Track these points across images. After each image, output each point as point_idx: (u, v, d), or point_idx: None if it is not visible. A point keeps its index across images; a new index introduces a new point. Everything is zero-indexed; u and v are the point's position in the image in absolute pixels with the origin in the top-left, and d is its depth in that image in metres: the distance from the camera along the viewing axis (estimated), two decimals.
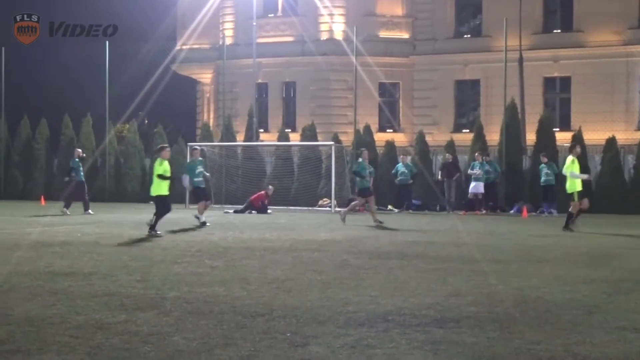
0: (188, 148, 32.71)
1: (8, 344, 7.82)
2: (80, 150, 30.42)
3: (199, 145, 34.41)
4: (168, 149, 21.68)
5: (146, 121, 60.37)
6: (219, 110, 46.49)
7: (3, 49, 39.81)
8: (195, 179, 24.37)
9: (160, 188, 20.52)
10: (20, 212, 28.96)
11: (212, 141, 38.37)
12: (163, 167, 20.48)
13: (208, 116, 50.36)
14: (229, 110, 43.56)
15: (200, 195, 24.53)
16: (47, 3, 30.21)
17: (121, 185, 38.95)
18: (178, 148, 36.75)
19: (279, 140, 38.15)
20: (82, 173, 28.87)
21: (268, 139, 42.79)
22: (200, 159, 25.17)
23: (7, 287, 11.24)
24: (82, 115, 39.99)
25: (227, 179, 36.54)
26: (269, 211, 30.21)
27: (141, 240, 18.59)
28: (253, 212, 29.93)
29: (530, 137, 34.95)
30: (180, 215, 25.72)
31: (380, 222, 23.54)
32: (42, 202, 34.36)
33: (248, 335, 8.23)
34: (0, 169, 40.53)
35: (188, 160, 25.96)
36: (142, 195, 34.96)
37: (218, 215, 28.11)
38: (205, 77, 50.92)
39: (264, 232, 20.86)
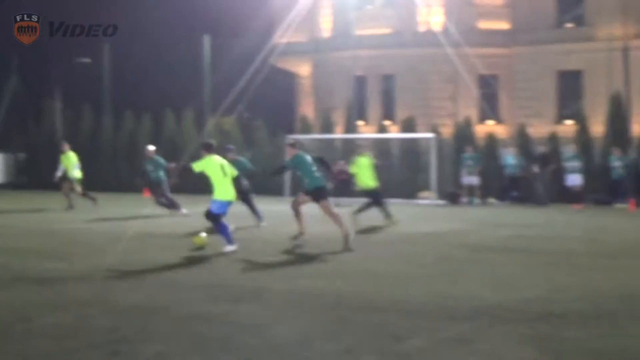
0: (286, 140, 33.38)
1: (115, 332, 7.96)
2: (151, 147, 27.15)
3: (298, 138, 35.22)
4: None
5: (246, 115, 58.44)
6: (317, 103, 46.20)
7: (107, 45, 40.78)
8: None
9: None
10: (125, 203, 29.44)
11: (311, 133, 37.72)
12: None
13: (307, 109, 49.65)
14: (328, 102, 43.06)
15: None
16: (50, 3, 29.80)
17: None
18: (277, 141, 36.46)
19: (378, 132, 37.30)
20: (158, 172, 25.31)
21: (367, 131, 41.53)
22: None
23: (114, 277, 11.44)
24: (183, 110, 40.32)
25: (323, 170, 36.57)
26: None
27: (244, 232, 18.44)
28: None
29: (636, 128, 34.10)
30: (280, 207, 25.94)
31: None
32: (146, 194, 34.58)
33: (348, 328, 8.22)
34: (105, 161, 41.16)
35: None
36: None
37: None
38: (303, 70, 50.38)
39: (365, 225, 20.39)
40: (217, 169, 14.94)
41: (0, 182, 41.83)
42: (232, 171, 15.42)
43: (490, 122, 42.55)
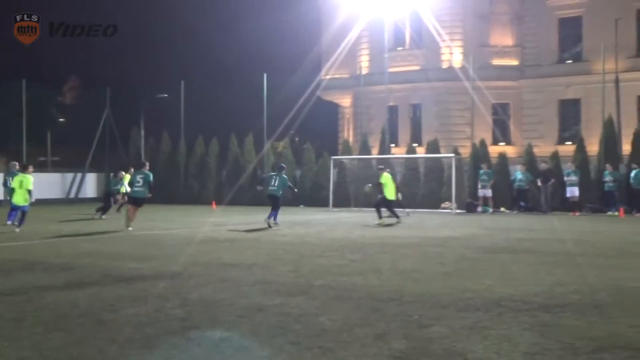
0: (331, 161, 35.42)
1: (187, 321, 7.99)
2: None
3: (340, 158, 37.22)
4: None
5: (297, 139, 60.78)
6: (357, 129, 46.50)
7: (182, 82, 41.15)
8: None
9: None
10: (195, 213, 29.54)
11: (351, 155, 38.58)
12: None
13: (348, 134, 50.21)
14: (365, 128, 43.49)
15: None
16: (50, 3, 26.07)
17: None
18: (323, 161, 37.71)
19: (407, 153, 37.40)
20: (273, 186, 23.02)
21: (398, 152, 41.72)
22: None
23: (186, 275, 11.45)
24: (245, 134, 40.37)
25: (364, 186, 36.13)
26: (407, 211, 28.43)
27: (294, 236, 18.54)
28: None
29: (626, 148, 33.71)
30: (326, 215, 25.73)
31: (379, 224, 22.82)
32: (214, 206, 34.95)
33: (382, 317, 8.18)
34: (180, 179, 41.58)
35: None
36: (291, 200, 33.79)
37: (356, 217, 27.73)
38: (345, 101, 50.68)
39: (396, 230, 20.66)
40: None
41: (93, 196, 42.33)
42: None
43: (501, 144, 42.28)
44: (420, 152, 38.78)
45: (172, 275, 11.49)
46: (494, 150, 37.12)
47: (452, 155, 33.08)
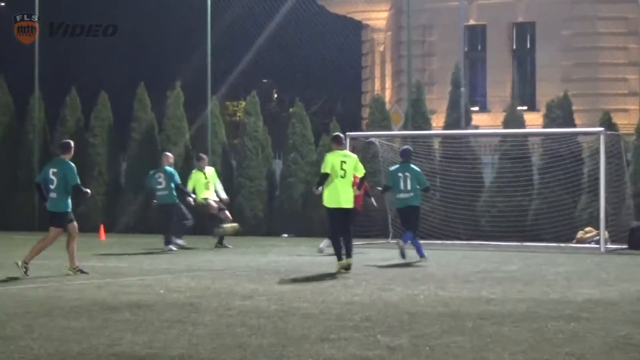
0: (347, 140, 17.66)
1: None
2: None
3: (366, 136, 21.01)
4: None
5: (276, 95, 36.72)
6: (399, 75, 27.78)
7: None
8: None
9: None
10: (61, 248, 19.55)
11: (389, 128, 22.07)
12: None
13: (380, 85, 30.04)
14: (419, 74, 25.33)
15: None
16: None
17: None
18: (330, 141, 21.78)
19: (505, 125, 21.06)
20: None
21: (486, 124, 25.03)
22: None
23: None
24: (168, 88, 24.48)
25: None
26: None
27: (272, 295, 10.11)
28: None
29: None
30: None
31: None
32: (102, 234, 20.56)
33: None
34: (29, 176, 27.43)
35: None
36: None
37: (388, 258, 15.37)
38: (376, 18, 29.88)
39: (479, 287, 10.96)
40: None
41: None
42: None
43: None
44: (534, 124, 22.82)
45: None
46: None
47: (601, 129, 18.26)
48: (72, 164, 12.67)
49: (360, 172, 13.22)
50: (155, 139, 23.58)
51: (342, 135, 13.71)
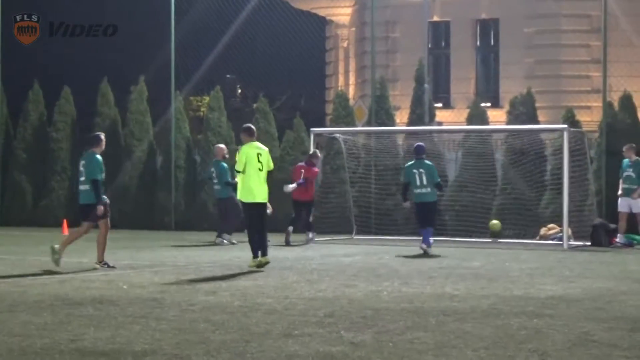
0: (311, 136, 19.41)
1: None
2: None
3: (330, 132, 20.92)
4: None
5: (240, 90, 36.44)
6: (363, 71, 27.66)
7: None
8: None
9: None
10: (26, 242, 17.69)
11: (353, 124, 21.98)
12: None
13: (344, 81, 29.90)
14: (383, 70, 24.97)
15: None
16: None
17: None
18: (295, 135, 21.79)
19: (469, 122, 20.99)
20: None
21: (450, 120, 24.55)
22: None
23: None
24: (131, 83, 24.17)
25: (378, 190, 20.42)
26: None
27: (234, 292, 10.02)
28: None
29: None
30: (298, 251, 15.84)
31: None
32: (65, 229, 19.41)
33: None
34: None
35: None
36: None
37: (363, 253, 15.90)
38: (340, 14, 29.94)
39: (443, 284, 11.00)
40: None
41: None
42: None
43: None
44: (497, 120, 23.12)
45: None
46: None
47: (563, 126, 18.28)
48: (98, 158, 12.72)
49: (271, 165, 12.84)
50: (119, 134, 23.58)
51: (253, 127, 13.37)
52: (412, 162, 15.75)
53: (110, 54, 30.18)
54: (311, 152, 18.36)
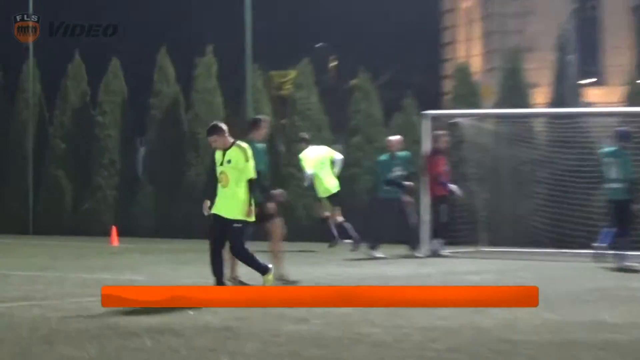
0: (425, 120, 18.69)
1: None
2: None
3: (450, 115, 20.17)
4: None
5: (335, 62, 35.69)
6: (490, 38, 28.23)
7: None
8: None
9: None
10: (65, 257, 18.47)
11: (479, 105, 21.61)
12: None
13: (466, 51, 29.42)
14: (515, 37, 25.17)
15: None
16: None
17: None
18: (405, 118, 21.51)
19: (628, 101, 19.95)
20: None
21: (603, 100, 24.46)
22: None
23: None
24: (198, 54, 24.35)
25: (514, 189, 20.24)
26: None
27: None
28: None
29: None
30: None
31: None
32: (114, 239, 21.58)
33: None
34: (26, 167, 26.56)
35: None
36: None
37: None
38: None
39: (598, 309, 10.68)
40: None
41: None
42: None
43: None
44: None
45: None
46: None
47: None
48: (256, 146, 12.28)
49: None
50: (181, 118, 23.57)
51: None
52: (613, 149, 15.31)
53: (170, 17, 30.81)
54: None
